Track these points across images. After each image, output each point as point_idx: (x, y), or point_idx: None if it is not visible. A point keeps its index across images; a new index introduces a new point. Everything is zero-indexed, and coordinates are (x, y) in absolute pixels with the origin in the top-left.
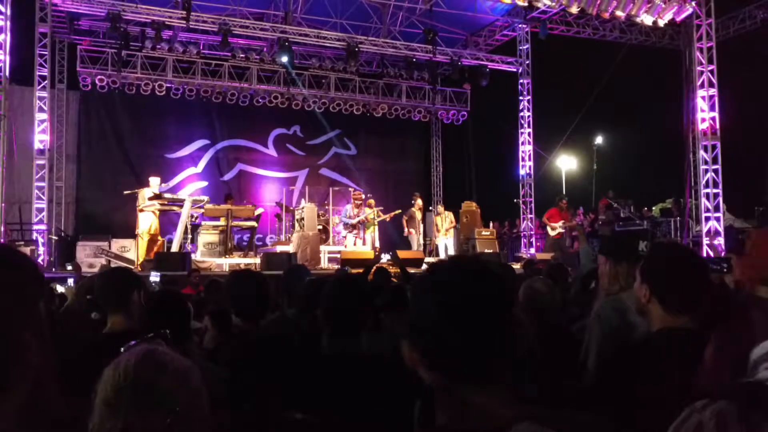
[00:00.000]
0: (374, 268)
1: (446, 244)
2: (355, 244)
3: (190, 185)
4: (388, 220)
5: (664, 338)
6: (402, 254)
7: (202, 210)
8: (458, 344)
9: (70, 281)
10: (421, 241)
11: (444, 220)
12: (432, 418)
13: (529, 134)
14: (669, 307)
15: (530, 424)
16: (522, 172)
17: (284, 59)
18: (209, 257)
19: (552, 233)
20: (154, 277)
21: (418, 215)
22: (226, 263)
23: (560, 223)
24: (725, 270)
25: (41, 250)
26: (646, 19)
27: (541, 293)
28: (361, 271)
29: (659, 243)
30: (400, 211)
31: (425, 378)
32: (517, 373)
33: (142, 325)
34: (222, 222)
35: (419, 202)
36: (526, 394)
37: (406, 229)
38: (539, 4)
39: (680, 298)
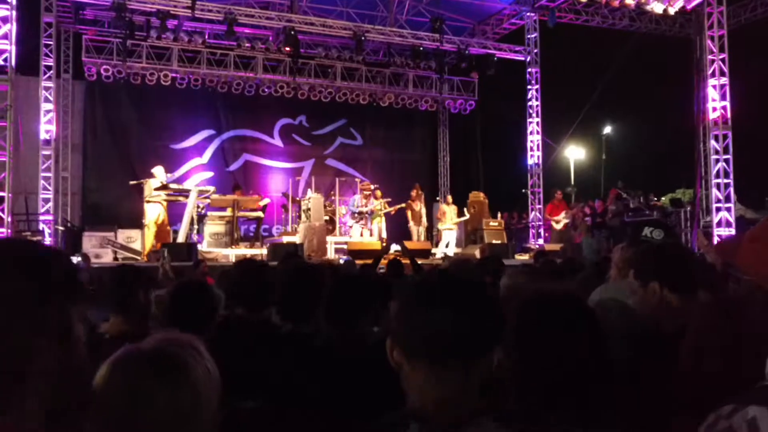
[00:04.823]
0: (387, 260)
1: (449, 240)
2: (362, 235)
3: (196, 176)
4: (393, 213)
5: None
6: (410, 245)
7: (209, 200)
8: (423, 332)
9: None
10: (422, 232)
11: (452, 212)
12: None
13: (537, 124)
14: (679, 290)
15: (486, 421)
16: (530, 161)
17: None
18: (215, 248)
19: (557, 227)
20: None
21: (416, 207)
22: (232, 254)
23: (562, 215)
24: None
25: (48, 240)
26: (657, 7)
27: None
28: (370, 261)
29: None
30: (404, 205)
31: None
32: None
33: (168, 318)
34: (228, 212)
35: (412, 193)
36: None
37: (410, 222)
38: None
39: (681, 278)
